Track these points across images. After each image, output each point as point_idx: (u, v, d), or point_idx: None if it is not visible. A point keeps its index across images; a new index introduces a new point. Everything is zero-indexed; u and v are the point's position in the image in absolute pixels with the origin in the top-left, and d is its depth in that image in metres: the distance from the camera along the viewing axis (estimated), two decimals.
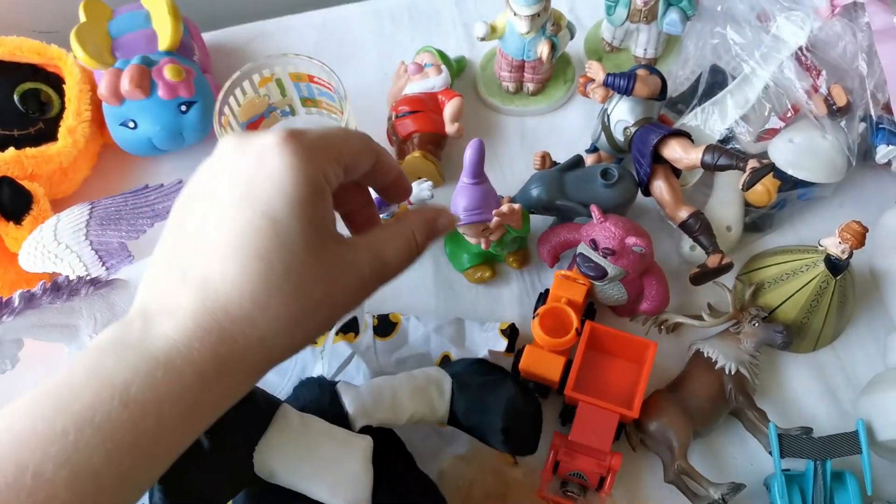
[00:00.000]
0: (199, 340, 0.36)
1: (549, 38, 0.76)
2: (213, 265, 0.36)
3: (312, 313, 0.38)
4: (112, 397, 0.34)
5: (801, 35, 0.72)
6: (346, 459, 0.51)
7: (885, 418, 0.60)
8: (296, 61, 0.73)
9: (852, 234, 0.60)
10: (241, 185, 0.37)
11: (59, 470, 0.32)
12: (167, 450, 0.36)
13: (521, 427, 0.59)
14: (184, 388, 0.35)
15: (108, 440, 0.33)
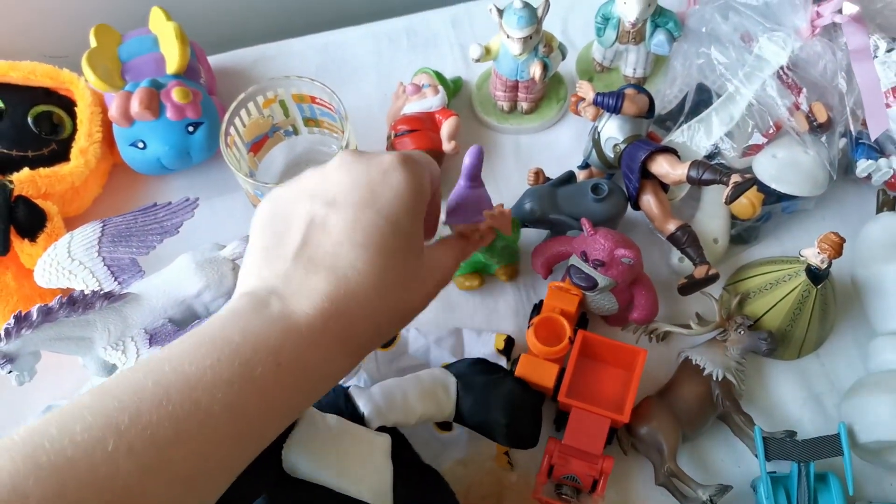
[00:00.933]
0: (334, 320, 0.42)
1: (542, 59, 0.79)
2: (343, 257, 0.43)
3: (414, 301, 0.47)
4: (268, 358, 0.40)
5: (782, 55, 0.75)
6: (368, 454, 0.55)
7: (866, 421, 0.63)
8: (298, 83, 0.76)
9: (830, 244, 0.63)
10: (366, 192, 0.44)
11: (224, 410, 0.38)
12: (300, 406, 0.44)
13: (523, 422, 0.63)
14: (319, 359, 0.42)
15: (262, 394, 0.39)
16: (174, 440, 0.36)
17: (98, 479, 0.34)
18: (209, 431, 0.37)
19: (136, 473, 0.35)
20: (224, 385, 0.38)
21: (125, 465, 0.34)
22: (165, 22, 0.81)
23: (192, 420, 0.37)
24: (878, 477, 0.66)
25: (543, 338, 0.66)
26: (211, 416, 0.37)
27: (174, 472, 0.36)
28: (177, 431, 0.36)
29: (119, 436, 0.35)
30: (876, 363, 0.67)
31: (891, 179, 0.75)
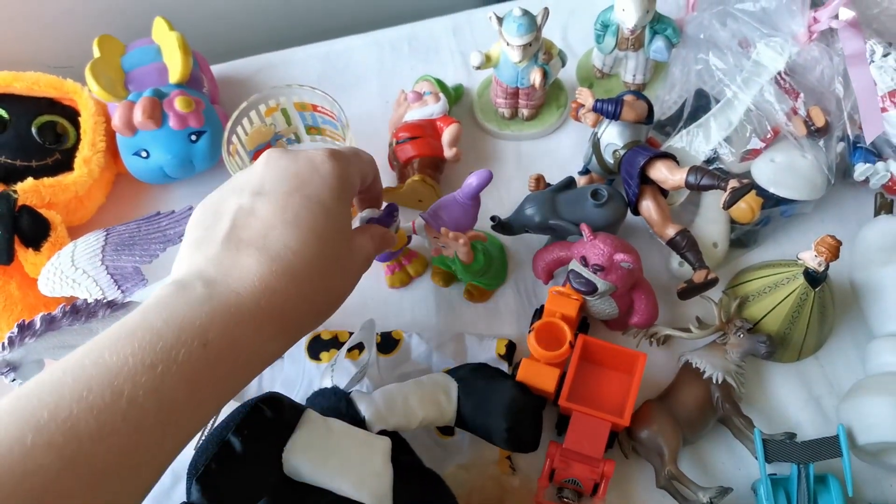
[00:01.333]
0: (266, 299, 0.43)
1: (541, 66, 0.80)
2: (275, 238, 0.45)
3: (346, 282, 0.50)
4: (193, 339, 0.39)
5: (780, 60, 0.75)
6: (368, 457, 0.55)
7: (865, 423, 0.63)
8: (300, 91, 0.76)
9: (827, 247, 0.63)
10: (296, 181, 0.47)
11: (148, 397, 0.37)
12: (233, 388, 0.43)
13: (524, 426, 0.63)
14: (251, 338, 0.42)
15: (189, 375, 0.39)
16: (96, 433, 0.35)
17: (16, 475, 0.33)
18: (134, 421, 0.36)
19: (56, 468, 0.34)
20: (147, 370, 0.37)
21: (45, 459, 0.34)
22: (168, 32, 0.82)
23: (116, 410, 0.36)
24: (878, 478, 0.66)
25: (544, 342, 0.67)
26: (134, 404, 0.36)
27: (98, 466, 0.35)
28: (99, 423, 0.35)
29: (38, 431, 0.34)
30: (874, 365, 0.67)
31: (888, 183, 0.76)
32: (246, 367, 0.43)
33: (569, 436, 0.64)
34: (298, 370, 0.71)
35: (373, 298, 0.77)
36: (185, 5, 0.99)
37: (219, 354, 0.40)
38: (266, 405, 0.54)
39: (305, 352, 0.72)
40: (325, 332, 0.73)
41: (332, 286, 0.48)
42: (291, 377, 0.70)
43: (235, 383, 0.43)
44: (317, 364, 0.71)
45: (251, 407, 0.54)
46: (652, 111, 0.75)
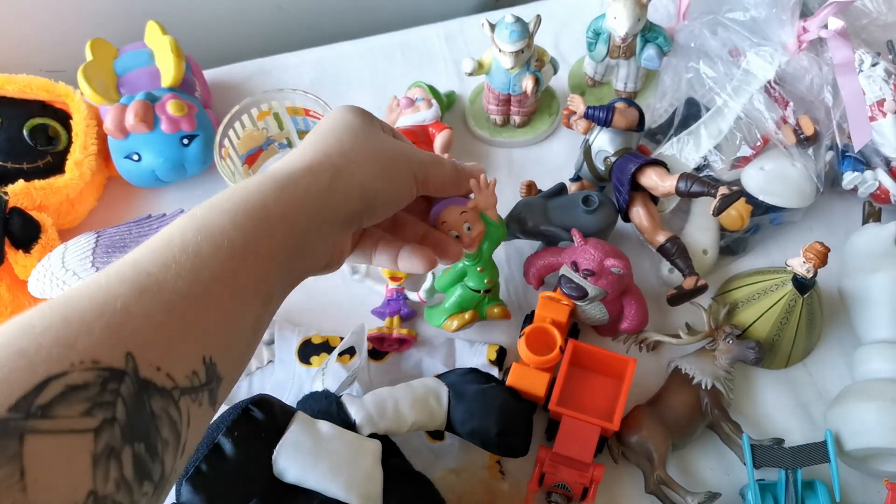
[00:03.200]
0: (318, 164, 0.47)
1: (533, 73, 0.81)
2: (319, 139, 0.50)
3: (387, 173, 0.50)
4: (228, 189, 0.43)
5: (769, 69, 0.76)
6: (358, 459, 0.55)
7: (852, 429, 0.64)
8: (292, 96, 0.77)
9: (815, 253, 0.63)
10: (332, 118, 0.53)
11: (197, 232, 0.40)
12: (282, 219, 0.44)
13: (513, 430, 0.63)
14: (291, 175, 0.46)
15: (225, 213, 0.42)
16: (160, 264, 0.38)
17: (96, 303, 0.35)
18: (191, 250, 0.39)
19: (133, 294, 0.36)
20: (188, 217, 0.41)
21: (120, 289, 0.36)
22: (161, 36, 0.82)
23: (172, 246, 0.39)
24: (866, 484, 0.66)
25: (534, 347, 0.67)
26: (186, 240, 0.39)
27: (168, 291, 0.37)
28: (161, 256, 0.38)
29: (108, 274, 0.37)
30: (861, 372, 0.68)
31: (876, 191, 0.76)
32: (297, 205, 0.45)
33: (558, 440, 0.64)
34: (289, 374, 0.71)
35: (364, 304, 0.77)
36: (178, 10, 0.99)
37: (249, 192, 0.43)
38: (256, 407, 0.54)
39: (296, 356, 0.72)
40: (316, 336, 0.73)
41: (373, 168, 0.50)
42: (282, 381, 0.70)
43: (292, 217, 0.45)
44: (307, 368, 0.71)
45: (242, 409, 0.54)
46: (643, 119, 0.75)
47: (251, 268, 0.42)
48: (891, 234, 0.71)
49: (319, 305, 0.76)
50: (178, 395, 0.36)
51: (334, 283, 0.78)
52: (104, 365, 0.33)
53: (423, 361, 0.74)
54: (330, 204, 0.47)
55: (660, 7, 0.85)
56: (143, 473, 0.34)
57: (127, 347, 0.35)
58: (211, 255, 0.40)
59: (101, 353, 0.34)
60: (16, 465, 0.29)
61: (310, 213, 0.45)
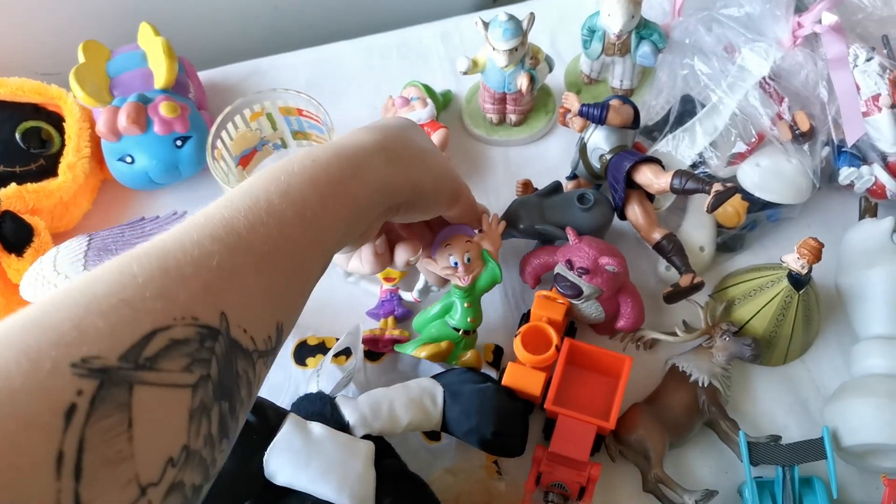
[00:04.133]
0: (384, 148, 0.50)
1: (528, 71, 0.80)
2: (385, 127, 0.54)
3: (436, 179, 0.54)
4: (303, 157, 0.46)
5: (764, 65, 0.76)
6: (350, 461, 0.55)
7: (849, 425, 0.63)
8: (285, 96, 0.76)
9: (809, 249, 0.63)
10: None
11: (282, 197, 0.42)
12: (352, 197, 0.47)
13: (509, 430, 0.63)
14: (360, 156, 0.48)
15: (309, 178, 0.45)
16: (248, 226, 0.40)
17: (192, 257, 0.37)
18: (276, 216, 0.41)
19: (225, 253, 0.38)
20: (273, 180, 0.43)
21: (213, 247, 0.38)
22: (153, 37, 0.82)
23: (258, 209, 0.41)
24: (864, 480, 0.66)
25: (530, 346, 0.67)
26: (272, 204, 0.42)
27: (258, 253, 0.40)
28: (248, 220, 0.40)
29: (201, 228, 0.39)
30: (859, 368, 0.67)
31: (873, 187, 0.76)
32: (363, 182, 0.48)
33: (554, 439, 0.63)
34: (285, 375, 0.71)
35: (359, 305, 0.77)
36: (173, 11, 0.99)
37: (329, 164, 0.46)
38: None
39: (292, 357, 0.71)
40: (312, 337, 0.73)
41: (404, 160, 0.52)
42: (278, 382, 0.70)
43: (358, 194, 0.47)
44: (303, 369, 0.71)
45: None
46: (638, 116, 0.75)
47: (322, 238, 0.45)
48: (887, 229, 0.70)
49: (315, 307, 0.74)
50: (255, 358, 0.39)
51: (330, 284, 0.78)
52: (202, 322, 0.35)
53: (420, 362, 0.73)
54: (387, 188, 0.50)
55: (654, 4, 0.85)
56: (224, 430, 0.36)
57: (221, 307, 0.36)
58: (292, 221, 0.42)
59: (200, 309, 0.35)
60: (125, 414, 0.30)
61: (370, 192, 0.48)
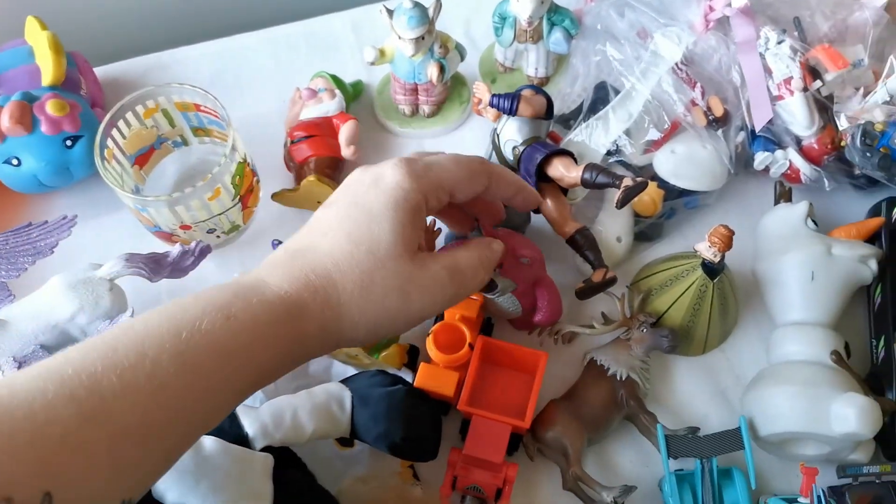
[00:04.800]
0: (289, 284, 0.45)
1: (438, 60, 0.78)
2: (315, 241, 0.47)
3: (378, 302, 0.47)
4: (216, 311, 0.41)
5: (677, 51, 0.75)
6: (245, 476, 0.52)
7: (766, 414, 0.62)
8: (180, 90, 0.72)
9: (720, 237, 0.62)
10: (355, 193, 0.48)
11: (173, 360, 0.38)
12: (266, 370, 0.44)
13: (420, 435, 0.61)
14: (274, 315, 0.43)
15: (213, 344, 0.40)
16: (119, 390, 0.36)
17: (36, 424, 0.34)
18: (158, 381, 0.37)
19: (77, 421, 0.34)
20: (172, 337, 0.39)
21: (66, 411, 0.34)
22: (40, 31, 0.77)
23: (139, 369, 0.37)
24: (785, 469, 0.65)
25: (444, 345, 0.64)
26: (158, 366, 0.38)
27: (119, 423, 0.36)
28: (122, 381, 0.36)
29: (61, 384, 0.35)
30: (776, 355, 0.67)
31: (788, 171, 0.75)
32: (277, 353, 0.44)
33: (468, 441, 0.61)
34: None
35: None
36: (66, 4, 0.93)
37: (242, 329, 0.42)
38: None
39: None
40: None
41: (368, 292, 0.46)
42: None
43: (267, 365, 0.44)
44: None
45: None
46: (552, 106, 0.73)
47: (210, 407, 0.41)
48: (801, 213, 0.70)
49: None
50: None
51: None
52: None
53: (332, 365, 0.70)
54: (301, 352, 0.46)
55: None
56: None
57: (48, 486, 0.33)
58: (177, 390, 0.38)
59: (19, 489, 0.32)
60: None
61: (286, 363, 0.45)
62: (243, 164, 0.71)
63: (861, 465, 0.62)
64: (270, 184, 0.78)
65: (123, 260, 0.64)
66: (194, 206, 0.67)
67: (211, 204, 0.68)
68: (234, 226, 0.74)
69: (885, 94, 0.73)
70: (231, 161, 0.68)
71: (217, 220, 0.70)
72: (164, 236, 0.72)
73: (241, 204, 0.72)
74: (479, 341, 0.65)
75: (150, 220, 0.69)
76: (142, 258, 0.65)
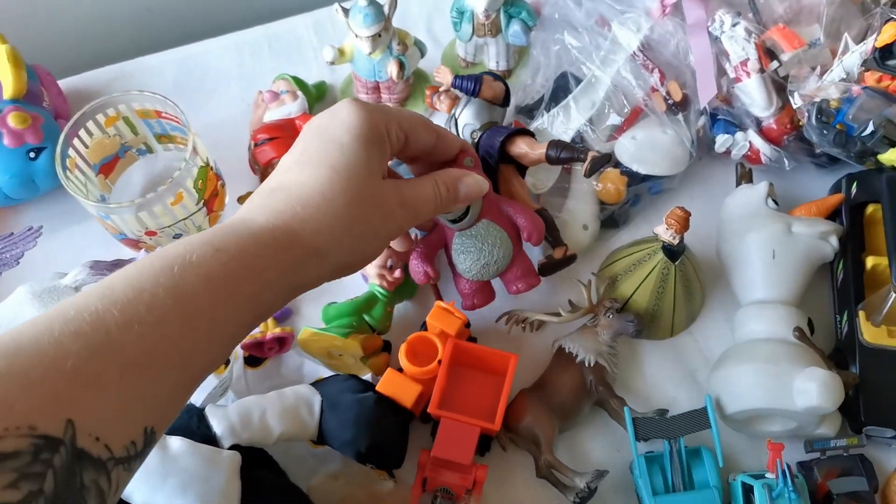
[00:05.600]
0: (275, 216, 0.46)
1: (397, 57, 0.78)
2: (292, 176, 0.48)
3: (364, 221, 0.49)
4: (204, 245, 0.42)
5: (634, 38, 0.75)
6: (212, 475, 0.52)
7: (730, 392, 0.63)
8: (140, 97, 0.72)
9: (676, 219, 0.62)
10: (318, 129, 0.50)
11: (169, 292, 0.39)
12: (260, 301, 0.44)
13: (386, 442, 0.61)
14: (262, 244, 0.44)
15: (205, 274, 0.41)
16: (123, 323, 0.37)
17: (46, 359, 0.35)
18: (157, 313, 0.38)
19: (86, 355, 0.35)
20: (165, 271, 0.40)
21: (74, 346, 0.35)
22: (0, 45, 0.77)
23: (139, 303, 0.38)
24: (754, 447, 0.66)
25: (418, 355, 0.64)
26: (156, 298, 0.39)
27: (127, 354, 0.37)
28: (124, 315, 0.37)
29: (66, 322, 0.36)
30: (741, 334, 0.67)
31: (748, 153, 0.76)
32: (272, 280, 0.45)
33: (437, 443, 0.61)
34: None
35: None
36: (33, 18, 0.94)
37: (231, 259, 0.42)
38: None
39: None
40: None
41: (350, 215, 0.48)
42: None
43: (260, 295, 0.44)
44: None
45: None
46: (509, 93, 0.73)
47: (212, 337, 0.42)
48: (761, 194, 0.70)
49: None
50: (111, 466, 0.36)
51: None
52: (40, 432, 0.33)
53: (304, 365, 0.71)
54: (295, 285, 0.47)
55: None
56: None
57: (68, 413, 0.34)
58: (176, 321, 0.39)
59: (40, 417, 0.33)
60: None
61: (273, 294, 0.45)
62: (206, 168, 0.71)
63: (828, 439, 0.63)
64: (237, 187, 0.78)
65: (88, 268, 0.64)
66: (158, 212, 0.68)
67: (174, 209, 0.68)
68: (200, 230, 0.73)
69: (842, 72, 0.74)
70: (192, 165, 0.69)
71: (182, 224, 0.70)
72: (130, 243, 0.72)
73: (206, 208, 0.72)
74: (449, 343, 0.64)
75: (115, 227, 0.69)
76: (107, 265, 0.65)
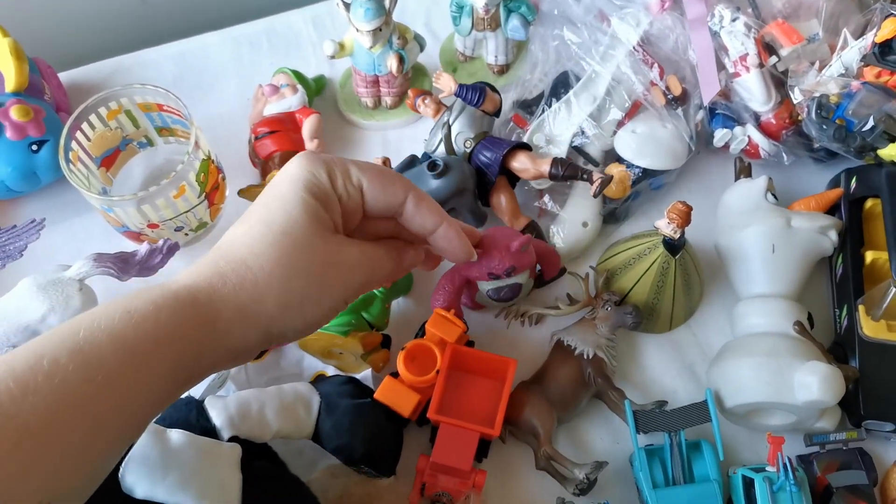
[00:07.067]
0: (197, 275, 0.44)
1: (397, 51, 0.78)
2: (230, 234, 0.46)
3: (300, 277, 0.45)
4: (117, 308, 0.40)
5: (634, 33, 0.76)
6: (212, 467, 0.52)
7: (730, 386, 0.63)
8: (142, 91, 0.72)
9: (677, 213, 0.63)
10: (271, 184, 0.48)
11: (71, 357, 0.38)
12: (162, 361, 0.41)
13: (380, 450, 0.61)
14: (177, 305, 0.42)
15: (112, 337, 0.39)
16: (17, 394, 0.36)
17: None
18: (58, 380, 0.37)
19: None
20: (70, 335, 0.39)
21: None
22: (1, 39, 0.77)
23: (37, 370, 0.37)
24: (753, 440, 0.66)
25: (416, 362, 0.64)
26: (56, 364, 0.37)
27: (19, 425, 0.36)
28: (19, 384, 0.36)
29: None
30: (740, 328, 0.68)
31: (747, 147, 0.77)
32: (188, 342, 0.42)
33: (436, 449, 0.61)
34: None
35: None
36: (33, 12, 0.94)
37: (144, 320, 0.40)
38: None
39: None
40: None
41: (283, 274, 0.45)
42: None
43: (180, 355, 0.42)
44: None
45: None
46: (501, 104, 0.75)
47: (125, 402, 0.40)
48: (760, 188, 0.71)
49: None
50: None
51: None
52: None
53: (304, 358, 0.71)
54: (219, 342, 0.44)
55: None
56: None
57: None
58: (79, 387, 0.38)
59: None
60: None
61: (191, 344, 0.42)
62: (207, 161, 0.71)
63: (827, 432, 0.63)
64: (237, 180, 0.79)
65: (92, 260, 0.64)
66: (160, 205, 0.68)
67: (177, 202, 0.69)
68: (202, 223, 0.74)
69: (841, 67, 0.74)
70: (194, 158, 0.69)
71: (184, 217, 0.71)
72: (132, 236, 0.72)
73: (207, 201, 0.72)
74: (448, 348, 0.64)
75: (117, 220, 0.69)
76: (110, 258, 0.65)
